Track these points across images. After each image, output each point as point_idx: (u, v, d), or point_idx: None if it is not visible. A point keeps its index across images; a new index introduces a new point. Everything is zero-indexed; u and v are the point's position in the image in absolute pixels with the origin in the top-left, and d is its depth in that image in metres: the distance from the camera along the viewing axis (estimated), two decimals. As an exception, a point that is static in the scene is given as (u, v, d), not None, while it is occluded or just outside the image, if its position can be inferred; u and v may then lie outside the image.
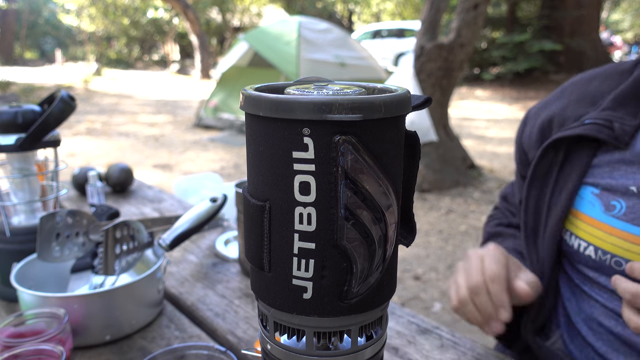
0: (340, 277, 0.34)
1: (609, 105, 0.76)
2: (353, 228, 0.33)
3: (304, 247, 0.34)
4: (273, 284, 0.36)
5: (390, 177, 0.34)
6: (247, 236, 0.37)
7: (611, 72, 0.83)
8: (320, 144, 0.31)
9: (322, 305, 0.35)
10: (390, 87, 0.38)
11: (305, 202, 0.33)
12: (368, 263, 0.35)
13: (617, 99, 0.76)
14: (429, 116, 4.50)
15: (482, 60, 12.54)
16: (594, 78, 0.85)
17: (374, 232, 0.34)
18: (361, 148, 0.32)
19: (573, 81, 0.89)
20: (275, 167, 0.33)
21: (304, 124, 0.31)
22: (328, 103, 0.31)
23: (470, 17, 4.51)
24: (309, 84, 0.39)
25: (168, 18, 19.89)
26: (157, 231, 0.99)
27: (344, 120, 0.31)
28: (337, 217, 0.33)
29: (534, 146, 0.87)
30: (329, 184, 0.32)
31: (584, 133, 0.75)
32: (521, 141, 0.93)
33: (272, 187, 0.34)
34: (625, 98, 0.76)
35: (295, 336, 0.38)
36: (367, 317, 0.37)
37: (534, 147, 0.87)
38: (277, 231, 0.34)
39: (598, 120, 0.75)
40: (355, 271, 0.34)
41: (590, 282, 0.78)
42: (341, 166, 0.32)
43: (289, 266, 0.35)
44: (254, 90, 0.35)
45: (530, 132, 0.89)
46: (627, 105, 0.75)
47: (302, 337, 0.38)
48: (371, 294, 0.36)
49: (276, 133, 0.32)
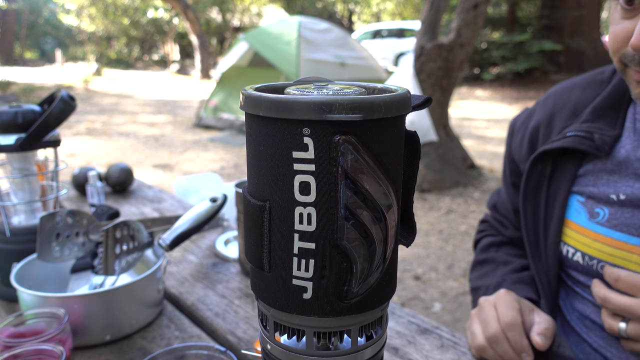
0: (341, 277, 0.34)
1: (589, 117, 0.79)
2: (353, 228, 0.33)
3: (304, 247, 0.34)
4: (273, 284, 0.36)
5: (390, 177, 0.34)
6: (247, 236, 0.37)
7: (590, 82, 0.85)
8: (320, 144, 0.31)
9: (322, 305, 0.35)
10: (390, 87, 0.38)
11: (305, 202, 0.33)
12: (368, 263, 0.34)
13: (596, 110, 0.79)
14: (429, 116, 4.50)
15: (482, 60, 12.54)
16: (574, 88, 0.87)
17: (374, 232, 0.34)
18: (361, 148, 0.32)
19: (555, 90, 0.91)
20: (275, 167, 0.33)
21: (304, 124, 0.31)
22: (328, 103, 0.31)
23: (470, 17, 4.51)
24: (309, 84, 0.39)
25: (168, 18, 19.89)
26: (157, 231, 0.99)
27: (344, 120, 0.31)
28: (337, 217, 0.33)
29: (524, 158, 0.90)
30: (329, 184, 0.32)
31: (567, 145, 0.78)
32: (511, 153, 0.95)
33: (272, 187, 0.34)
34: (603, 109, 0.79)
35: (295, 336, 0.38)
36: (367, 317, 0.37)
37: (525, 159, 0.89)
38: (277, 231, 0.34)
39: (579, 133, 0.78)
40: (355, 271, 0.34)
41: (581, 285, 0.80)
42: (341, 166, 0.32)
43: (289, 266, 0.35)
44: (254, 90, 0.35)
45: (520, 144, 0.91)
46: (605, 116, 0.78)
47: (302, 337, 0.38)
48: (371, 294, 0.36)
49: (276, 133, 0.32)
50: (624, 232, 0.72)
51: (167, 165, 5.33)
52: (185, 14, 13.29)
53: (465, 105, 10.05)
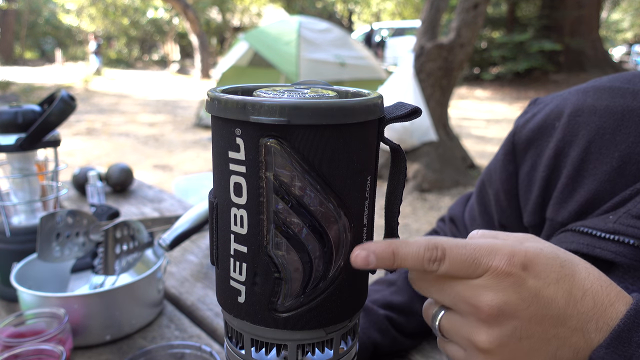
0: (271, 287, 0.33)
1: None
2: (284, 238, 0.31)
3: (238, 249, 0.33)
4: (218, 280, 0.36)
5: (334, 190, 0.31)
6: None
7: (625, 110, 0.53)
8: (249, 146, 0.31)
9: (254, 313, 0.34)
10: (362, 92, 0.36)
11: (238, 203, 0.32)
12: (303, 279, 0.32)
13: None
14: (428, 116, 4.51)
15: (482, 60, 12.54)
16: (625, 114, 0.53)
17: (312, 246, 0.32)
18: (292, 153, 0.30)
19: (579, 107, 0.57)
20: (217, 165, 0.33)
21: (236, 124, 0.31)
22: (253, 104, 0.30)
23: (470, 17, 4.51)
24: (284, 87, 0.38)
25: (168, 18, 19.90)
26: (157, 231, 0.98)
27: (270, 123, 0.30)
28: (265, 223, 0.32)
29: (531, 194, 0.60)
30: (258, 187, 0.31)
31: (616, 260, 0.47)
32: (516, 179, 0.62)
33: (217, 186, 0.34)
34: None
35: (235, 339, 0.37)
36: (305, 335, 0.35)
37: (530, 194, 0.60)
38: (220, 229, 0.34)
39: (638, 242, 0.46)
40: (286, 284, 0.32)
41: None
42: (269, 170, 0.31)
43: (228, 266, 0.34)
44: (220, 91, 0.35)
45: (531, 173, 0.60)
46: None
47: (241, 341, 0.36)
48: (309, 313, 0.34)
49: (217, 132, 0.33)
50: None
51: (167, 165, 5.33)
52: (185, 14, 13.29)
53: (465, 105, 10.04)
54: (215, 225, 0.35)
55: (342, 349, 0.37)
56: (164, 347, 0.67)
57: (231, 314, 0.36)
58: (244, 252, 0.33)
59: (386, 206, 0.37)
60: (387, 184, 0.37)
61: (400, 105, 0.35)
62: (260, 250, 0.32)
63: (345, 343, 0.37)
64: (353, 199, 0.33)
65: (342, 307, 0.35)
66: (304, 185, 0.31)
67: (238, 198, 0.32)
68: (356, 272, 0.35)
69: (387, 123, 0.34)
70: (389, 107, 0.36)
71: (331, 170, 0.31)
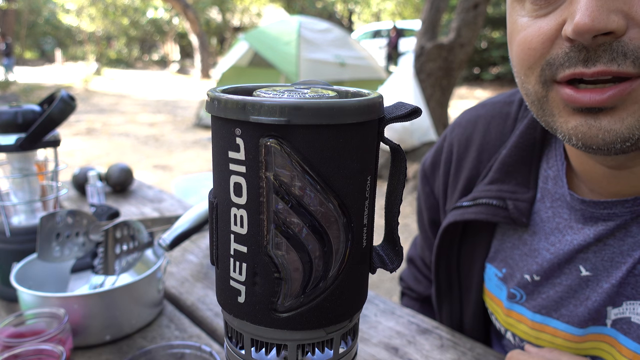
0: (271, 287, 0.33)
1: (497, 175, 0.69)
2: (283, 238, 0.31)
3: (238, 249, 0.33)
4: (219, 280, 0.36)
5: (334, 190, 0.32)
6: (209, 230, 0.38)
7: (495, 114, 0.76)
8: (249, 146, 0.31)
9: (254, 313, 0.34)
10: (362, 92, 0.36)
11: (238, 203, 0.32)
12: (303, 278, 0.33)
13: (505, 166, 0.69)
14: (428, 116, 4.51)
15: (482, 60, 12.55)
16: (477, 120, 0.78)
17: (312, 246, 0.32)
18: (292, 153, 0.30)
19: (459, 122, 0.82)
20: (217, 165, 0.34)
21: (236, 124, 0.31)
22: (253, 104, 0.30)
23: (470, 17, 4.51)
24: (286, 87, 0.38)
25: (168, 18, 19.90)
26: (157, 231, 0.98)
27: (269, 123, 0.30)
28: (265, 223, 0.32)
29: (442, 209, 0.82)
30: (258, 187, 0.31)
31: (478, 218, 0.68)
32: (431, 199, 0.86)
33: (217, 186, 0.34)
34: (512, 165, 0.69)
35: (235, 339, 0.37)
36: (305, 335, 0.35)
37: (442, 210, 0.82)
38: (220, 229, 0.35)
39: (491, 200, 0.68)
40: (286, 284, 0.32)
41: None
42: (269, 170, 0.31)
43: (228, 266, 0.34)
44: (220, 91, 0.35)
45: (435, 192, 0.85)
46: (515, 174, 0.68)
47: (241, 341, 0.36)
48: (309, 313, 0.34)
49: (218, 132, 0.33)
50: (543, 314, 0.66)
51: (167, 165, 5.33)
52: (185, 14, 13.29)
53: (465, 105, 10.04)
54: (215, 225, 0.35)
55: (342, 349, 0.37)
56: (164, 347, 0.67)
57: (231, 314, 0.36)
58: (244, 252, 0.33)
59: (386, 206, 0.37)
60: (387, 184, 0.37)
61: (400, 105, 0.35)
62: (260, 250, 0.32)
63: (345, 343, 0.37)
64: (353, 199, 0.33)
65: (342, 307, 0.35)
66: (304, 185, 0.31)
67: (238, 198, 0.32)
68: (356, 272, 0.35)
69: (387, 123, 0.34)
70: (389, 107, 0.36)
71: (331, 170, 0.31)
